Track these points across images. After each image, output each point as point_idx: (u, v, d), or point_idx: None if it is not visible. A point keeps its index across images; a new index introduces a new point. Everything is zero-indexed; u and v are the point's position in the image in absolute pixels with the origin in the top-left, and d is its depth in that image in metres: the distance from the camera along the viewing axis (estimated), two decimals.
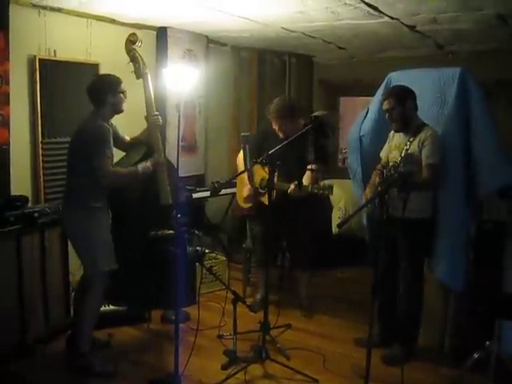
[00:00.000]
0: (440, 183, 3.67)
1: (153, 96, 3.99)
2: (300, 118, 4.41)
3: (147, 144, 3.91)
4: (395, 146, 3.81)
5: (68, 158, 3.65)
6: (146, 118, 3.96)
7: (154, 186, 3.87)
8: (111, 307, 4.26)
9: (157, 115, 3.94)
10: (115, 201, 3.76)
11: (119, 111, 3.65)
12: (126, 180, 3.67)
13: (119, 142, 3.82)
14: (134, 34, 4.03)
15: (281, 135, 4.38)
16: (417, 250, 3.75)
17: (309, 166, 4.26)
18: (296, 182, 4.08)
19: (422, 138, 3.61)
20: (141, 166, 3.67)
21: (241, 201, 4.79)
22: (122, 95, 3.60)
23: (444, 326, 3.96)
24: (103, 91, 3.54)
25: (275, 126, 4.43)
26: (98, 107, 3.56)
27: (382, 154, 3.98)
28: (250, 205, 4.66)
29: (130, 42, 3.99)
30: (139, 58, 3.96)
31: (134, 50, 3.98)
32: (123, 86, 3.62)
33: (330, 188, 3.92)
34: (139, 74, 3.95)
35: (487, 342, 3.30)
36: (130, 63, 3.98)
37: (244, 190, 4.62)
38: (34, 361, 3.70)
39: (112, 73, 3.74)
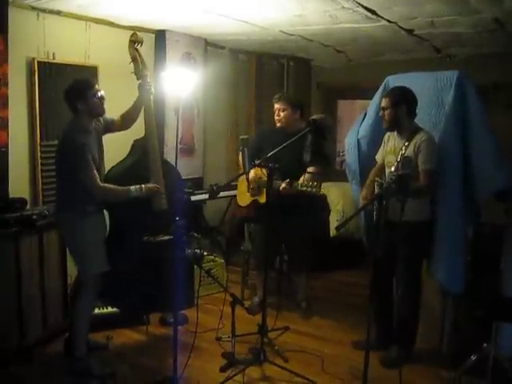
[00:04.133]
0: (437, 187, 3.68)
1: (152, 101, 3.93)
2: (300, 114, 4.48)
3: (143, 148, 3.88)
4: (390, 151, 3.81)
5: (55, 163, 3.61)
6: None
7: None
8: (109, 309, 4.25)
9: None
10: (111, 204, 3.74)
11: (96, 115, 3.56)
12: (116, 197, 3.57)
13: (114, 127, 3.78)
14: (135, 33, 3.94)
15: (278, 123, 4.41)
16: (415, 253, 3.75)
17: (308, 169, 4.29)
18: (288, 180, 4.05)
19: (417, 142, 3.61)
20: (133, 188, 3.58)
21: (240, 200, 4.80)
22: (95, 99, 3.46)
23: (442, 328, 3.97)
24: (72, 99, 3.44)
25: (276, 110, 4.46)
26: (76, 115, 3.48)
27: (378, 157, 3.99)
28: (248, 202, 4.64)
29: (131, 41, 3.92)
30: (139, 59, 3.88)
31: (136, 50, 3.90)
32: (96, 89, 3.48)
33: (318, 186, 3.88)
34: (138, 74, 3.87)
35: (485, 344, 3.30)
36: (132, 63, 3.90)
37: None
38: (33, 364, 3.70)
39: (111, 75, 3.72)
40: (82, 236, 3.49)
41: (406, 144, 3.65)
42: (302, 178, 4.23)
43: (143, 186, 3.63)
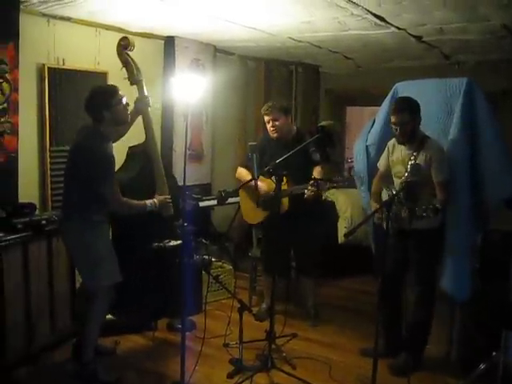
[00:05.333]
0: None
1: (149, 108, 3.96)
2: (290, 118, 4.47)
3: (145, 154, 3.89)
4: (398, 160, 3.78)
5: (68, 170, 3.54)
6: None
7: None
8: None
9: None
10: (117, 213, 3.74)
11: (122, 123, 3.53)
12: (133, 211, 3.57)
13: None
14: (125, 37, 3.92)
15: (274, 134, 4.40)
16: (427, 260, 3.72)
17: (316, 170, 4.28)
18: (312, 182, 3.97)
19: (428, 153, 3.57)
20: (149, 203, 3.59)
21: (250, 218, 4.74)
22: (120, 106, 3.41)
23: (450, 336, 3.95)
24: (98, 107, 3.36)
25: (268, 123, 4.42)
26: (98, 124, 3.40)
27: (380, 164, 3.97)
28: (261, 219, 4.56)
29: (122, 46, 3.88)
30: (132, 64, 3.87)
31: (127, 54, 3.87)
32: (121, 95, 3.43)
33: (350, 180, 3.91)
34: (133, 80, 3.87)
35: (494, 353, 3.28)
36: (124, 69, 3.91)
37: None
38: (40, 369, 3.70)
39: (121, 81, 3.74)
40: (95, 247, 3.43)
41: (415, 154, 3.62)
42: (315, 173, 4.23)
43: (155, 200, 3.65)
